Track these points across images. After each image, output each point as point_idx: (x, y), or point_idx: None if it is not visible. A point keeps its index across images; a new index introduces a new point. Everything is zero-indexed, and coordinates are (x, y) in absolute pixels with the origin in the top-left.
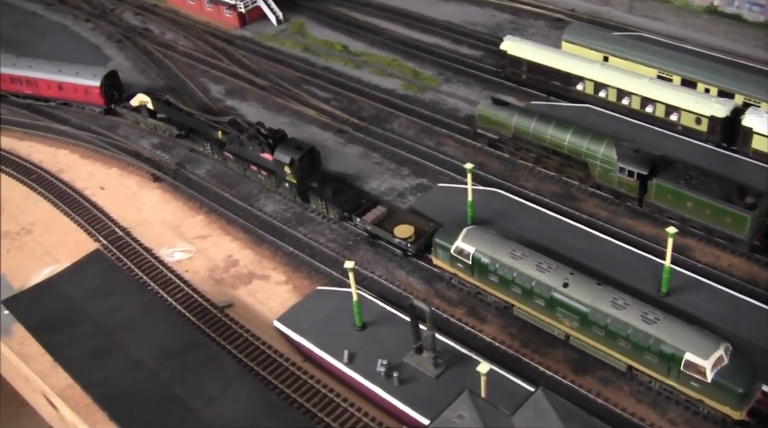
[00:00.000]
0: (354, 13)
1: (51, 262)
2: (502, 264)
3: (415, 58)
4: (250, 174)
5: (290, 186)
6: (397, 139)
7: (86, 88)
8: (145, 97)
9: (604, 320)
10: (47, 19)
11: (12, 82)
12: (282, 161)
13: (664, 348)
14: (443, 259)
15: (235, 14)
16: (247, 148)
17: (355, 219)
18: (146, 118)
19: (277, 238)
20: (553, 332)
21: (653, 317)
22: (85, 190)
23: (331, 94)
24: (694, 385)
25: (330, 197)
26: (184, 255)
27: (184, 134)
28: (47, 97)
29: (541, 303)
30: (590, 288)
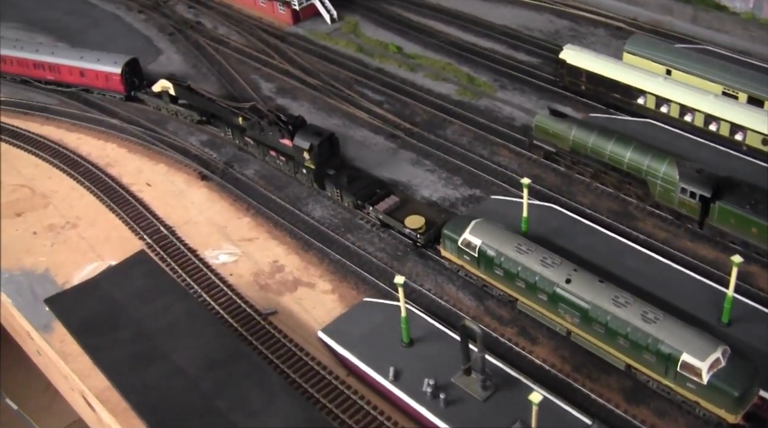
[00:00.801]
0: (408, 13)
1: (95, 259)
2: (508, 257)
3: (470, 62)
4: (269, 159)
5: (308, 172)
6: (450, 147)
7: (107, 74)
8: (167, 83)
9: (604, 317)
10: (100, 9)
11: (35, 68)
12: (301, 147)
13: (662, 348)
14: (451, 251)
15: (289, 11)
16: (267, 133)
17: (368, 207)
18: (168, 104)
19: (325, 245)
20: (555, 327)
21: (653, 316)
22: (131, 186)
23: (384, 96)
24: (690, 386)
25: (345, 185)
26: (230, 258)
27: (205, 120)
28: (69, 82)
29: (543, 298)
30: (593, 285)
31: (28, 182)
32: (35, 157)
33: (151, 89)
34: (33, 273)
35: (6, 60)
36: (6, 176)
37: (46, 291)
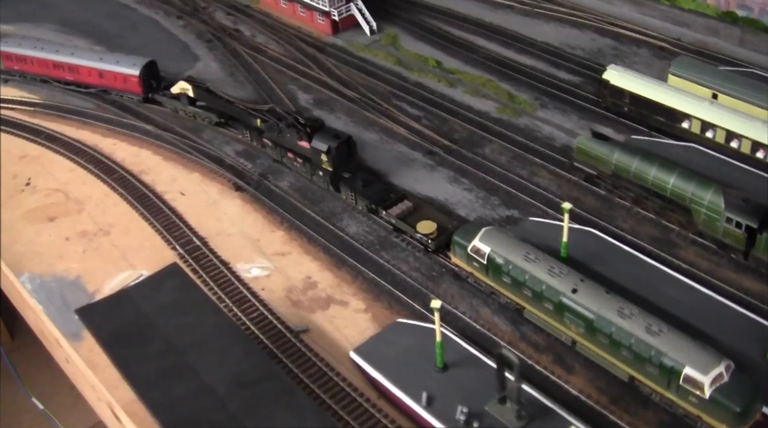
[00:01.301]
0: (449, 27)
1: (126, 267)
2: (515, 265)
3: (510, 79)
4: (287, 161)
5: (324, 174)
6: (488, 166)
7: (125, 76)
8: (186, 85)
9: (608, 328)
10: (139, 13)
11: (55, 68)
12: (319, 149)
13: (664, 361)
14: (460, 257)
15: (328, 21)
16: (285, 135)
17: (381, 211)
18: (186, 106)
19: (359, 262)
20: (561, 337)
21: (657, 329)
22: (165, 194)
23: (423, 111)
24: (692, 400)
25: (360, 188)
26: (262, 273)
27: (224, 122)
28: (88, 83)
29: (549, 307)
30: (598, 295)
31: (62, 187)
32: (70, 162)
33: (170, 91)
34: (64, 280)
35: (27, 60)
36: (41, 180)
37: (76, 298)
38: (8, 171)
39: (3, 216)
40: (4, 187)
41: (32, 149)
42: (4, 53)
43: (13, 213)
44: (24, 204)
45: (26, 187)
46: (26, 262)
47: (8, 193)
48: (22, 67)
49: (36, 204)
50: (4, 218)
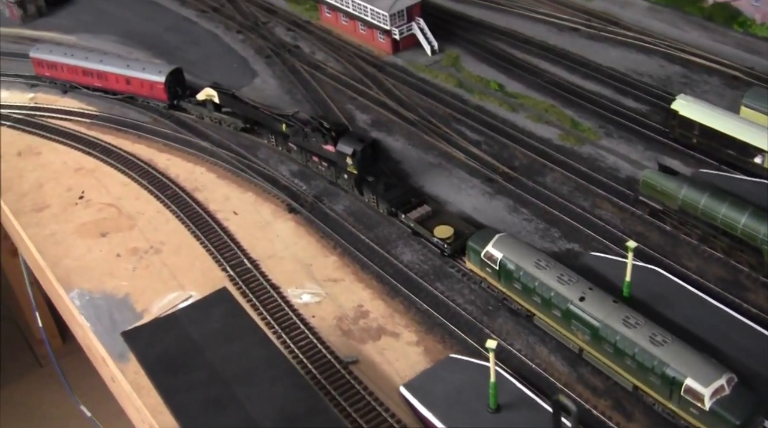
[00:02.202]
0: (512, 49)
1: (176, 288)
2: (526, 272)
3: (574, 105)
4: (311, 165)
5: (349, 177)
6: (549, 196)
7: (152, 83)
8: (211, 91)
9: (613, 337)
10: (200, 27)
11: (84, 75)
12: (344, 152)
13: (667, 371)
14: (475, 263)
15: (389, 40)
16: (310, 139)
17: (401, 215)
18: (211, 112)
19: (413, 292)
20: (568, 344)
21: (662, 339)
22: (218, 213)
23: (483, 136)
24: (693, 412)
25: (381, 192)
26: (313, 299)
27: (249, 127)
28: (116, 90)
29: (558, 314)
30: (605, 304)
31: (115, 201)
32: (124, 176)
33: (195, 98)
34: (113, 298)
35: (57, 66)
36: (95, 193)
37: (124, 317)
38: (63, 183)
39: (56, 229)
40: (59, 199)
41: (88, 162)
42: (36, 60)
43: (65, 226)
44: (77, 217)
45: (80, 201)
46: (76, 278)
47: (62, 205)
48: (52, 73)
49: (89, 218)
50: (56, 231)
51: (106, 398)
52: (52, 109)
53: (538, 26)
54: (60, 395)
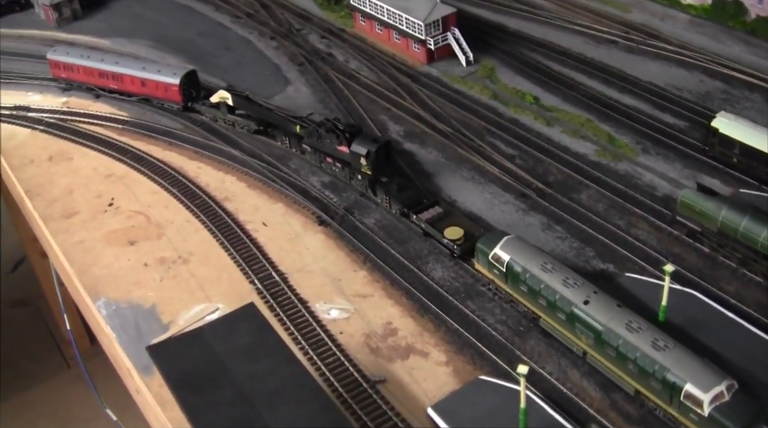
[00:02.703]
0: (549, 61)
1: (203, 299)
2: (532, 274)
3: (611, 120)
4: (325, 166)
5: (363, 178)
6: (584, 213)
7: (166, 85)
8: (225, 94)
9: (616, 341)
10: (233, 32)
11: (100, 77)
12: (358, 153)
13: (667, 376)
14: (483, 265)
15: (424, 50)
16: (324, 140)
17: (412, 216)
18: (225, 115)
19: (442, 310)
20: (572, 347)
21: (663, 344)
22: (247, 224)
23: (517, 150)
24: (692, 417)
25: (394, 193)
26: (341, 315)
27: (262, 130)
28: (131, 92)
29: (562, 317)
30: (609, 308)
31: (144, 210)
32: (154, 184)
33: (209, 100)
34: (140, 308)
35: (74, 68)
36: (124, 201)
37: (150, 328)
38: (93, 189)
39: (84, 236)
40: (88, 206)
41: (118, 168)
42: (53, 61)
43: (94, 233)
44: (105, 225)
45: (109, 208)
46: (103, 286)
47: (91, 212)
48: (69, 75)
49: (117, 226)
50: (85, 238)
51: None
52: (85, 113)
53: (575, 38)
54: (87, 396)
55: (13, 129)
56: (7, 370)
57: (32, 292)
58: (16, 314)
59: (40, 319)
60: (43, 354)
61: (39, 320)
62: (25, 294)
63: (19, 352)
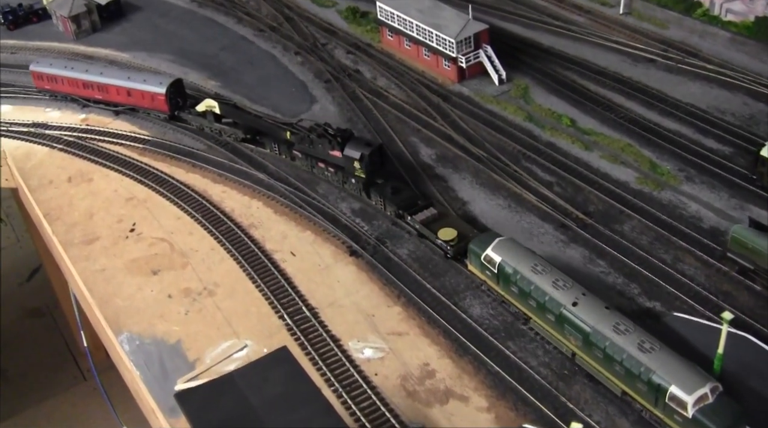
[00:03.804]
0: (585, 81)
1: (230, 335)
2: (523, 276)
3: (652, 145)
4: (317, 171)
5: (357, 181)
6: (627, 247)
7: (152, 94)
8: (212, 102)
9: (603, 342)
10: (256, 47)
11: (85, 88)
12: (352, 157)
13: (653, 378)
14: (475, 266)
15: (455, 67)
16: (316, 146)
17: (407, 217)
18: (212, 123)
19: (482, 351)
20: (561, 348)
21: (649, 346)
22: (274, 253)
23: (555, 177)
24: (677, 419)
25: (389, 195)
26: (375, 354)
27: (250, 138)
28: (117, 102)
29: (551, 318)
30: (597, 310)
31: (168, 236)
32: (177, 208)
33: (195, 109)
34: (164, 344)
35: (58, 79)
36: (146, 226)
37: (176, 366)
38: (114, 213)
39: (105, 264)
40: (109, 231)
41: (139, 191)
42: (36, 73)
43: (115, 261)
44: (127, 252)
45: (130, 234)
46: (126, 319)
47: (112, 238)
48: (52, 86)
49: (139, 253)
50: (106, 266)
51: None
52: (104, 131)
53: (611, 56)
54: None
55: (31, 147)
56: (22, 381)
57: (48, 302)
58: (32, 324)
59: (55, 330)
60: (59, 365)
61: (55, 331)
62: (41, 304)
63: (35, 363)
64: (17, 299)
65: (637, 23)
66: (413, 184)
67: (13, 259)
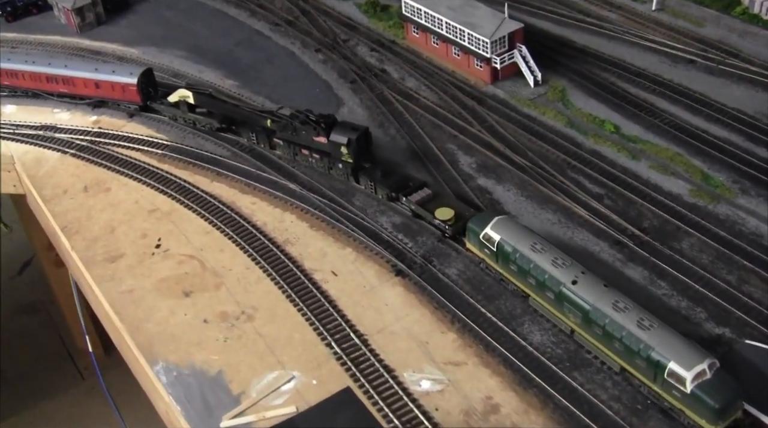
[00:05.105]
0: (623, 83)
1: (275, 365)
2: (522, 254)
3: (702, 154)
4: (300, 158)
5: (344, 166)
6: (688, 267)
7: (123, 85)
8: (185, 92)
9: (603, 320)
10: (273, 42)
11: (48, 81)
12: (339, 142)
13: (652, 355)
14: (474, 244)
15: (488, 68)
16: (299, 132)
17: (401, 198)
18: (186, 113)
19: (547, 383)
20: (560, 325)
21: (648, 324)
22: (314, 273)
23: (604, 189)
24: (675, 394)
25: (379, 178)
26: (434, 387)
27: (225, 127)
28: (83, 95)
29: (551, 296)
30: (597, 288)
31: (197, 253)
32: (205, 222)
33: (167, 99)
34: (204, 375)
35: (19, 74)
36: (173, 242)
37: (219, 401)
38: (137, 227)
39: (132, 285)
40: (133, 247)
41: (162, 202)
42: None
43: (143, 281)
44: (155, 271)
45: (156, 250)
46: (160, 347)
47: (137, 255)
48: (13, 82)
49: (168, 272)
50: (134, 287)
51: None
52: (119, 135)
53: (648, 56)
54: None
55: (41, 152)
56: (19, 382)
57: (41, 297)
58: (26, 321)
59: (51, 327)
60: (56, 364)
61: (50, 328)
62: (34, 299)
63: (31, 363)
64: (9, 294)
65: (672, 20)
66: (455, 195)
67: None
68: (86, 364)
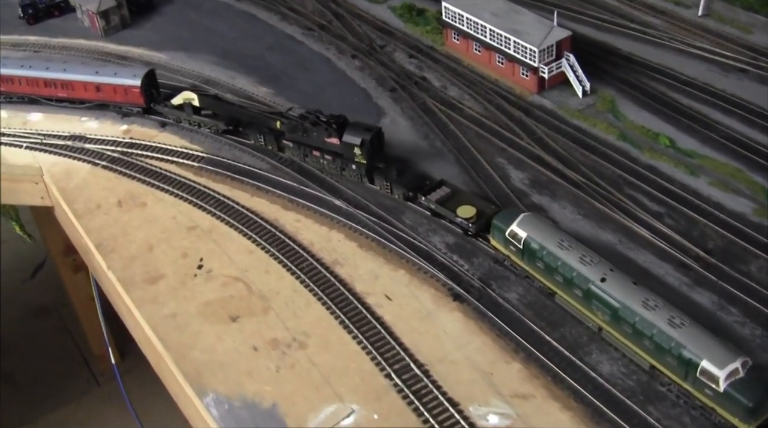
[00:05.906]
0: (675, 93)
1: (332, 397)
2: (549, 251)
3: (763, 170)
4: (311, 160)
5: (358, 167)
6: (759, 292)
7: (126, 88)
8: (190, 94)
9: (632, 318)
10: (307, 48)
11: (47, 86)
12: (352, 143)
13: (683, 353)
14: (499, 241)
15: (534, 77)
16: (311, 134)
17: (420, 197)
18: (190, 116)
19: (622, 419)
20: (588, 323)
21: (679, 321)
22: (367, 297)
23: (664, 207)
24: (707, 393)
25: (395, 178)
26: (502, 422)
27: (232, 129)
28: (84, 99)
29: (579, 293)
30: (626, 285)
31: (242, 275)
32: (247, 240)
33: (171, 102)
34: (257, 407)
35: (14, 80)
36: (215, 262)
37: None
38: (177, 245)
39: (175, 308)
40: (174, 267)
41: (202, 219)
42: None
43: (187, 305)
44: (198, 294)
45: (199, 271)
46: (209, 377)
47: (179, 276)
48: (9, 88)
49: (213, 295)
50: (177, 311)
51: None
52: (152, 146)
53: (697, 64)
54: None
55: (71, 164)
56: (33, 387)
57: (54, 299)
58: (39, 325)
59: (65, 331)
60: (70, 369)
61: (64, 332)
62: (47, 302)
63: (45, 368)
64: (20, 297)
65: (719, 27)
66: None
67: (15, 254)
68: (102, 370)
